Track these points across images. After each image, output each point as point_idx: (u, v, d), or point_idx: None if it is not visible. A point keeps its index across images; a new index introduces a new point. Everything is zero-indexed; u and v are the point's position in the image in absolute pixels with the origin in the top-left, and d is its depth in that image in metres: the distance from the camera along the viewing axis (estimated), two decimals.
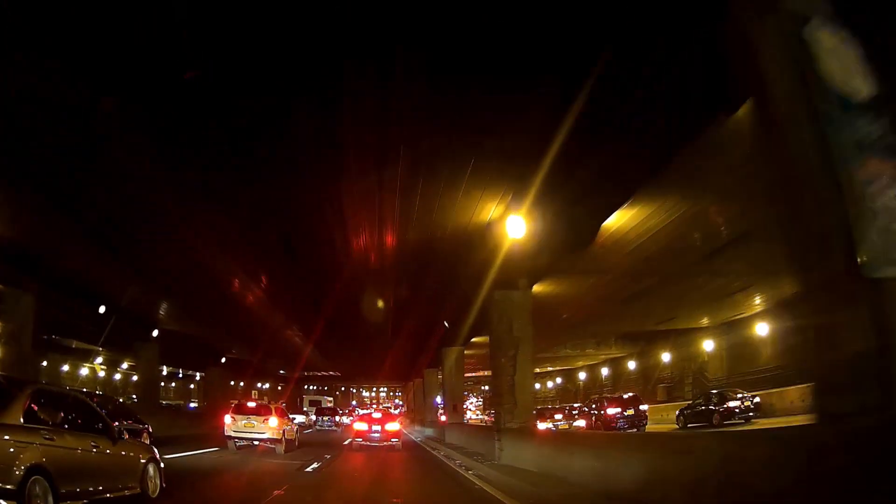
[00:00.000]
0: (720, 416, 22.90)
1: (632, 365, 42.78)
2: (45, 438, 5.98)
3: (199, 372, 44.57)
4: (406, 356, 36.16)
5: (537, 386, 64.24)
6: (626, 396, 29.67)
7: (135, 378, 37.30)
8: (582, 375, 51.77)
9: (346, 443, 24.20)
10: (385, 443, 21.26)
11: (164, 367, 49.17)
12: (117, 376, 42.73)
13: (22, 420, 5.85)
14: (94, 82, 8.03)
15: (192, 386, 59.13)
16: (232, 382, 53.41)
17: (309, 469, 13.79)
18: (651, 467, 7.41)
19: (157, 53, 7.48)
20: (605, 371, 47.62)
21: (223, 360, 37.35)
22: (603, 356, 43.89)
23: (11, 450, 5.46)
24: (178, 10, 6.75)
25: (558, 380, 57.26)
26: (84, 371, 39.97)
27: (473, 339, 28.98)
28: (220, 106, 8.66)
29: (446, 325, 23.24)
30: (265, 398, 49.19)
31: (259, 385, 57.74)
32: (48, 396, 6.78)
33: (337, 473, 13.74)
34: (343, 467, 15.40)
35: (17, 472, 5.34)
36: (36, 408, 6.22)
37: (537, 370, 62.71)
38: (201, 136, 9.71)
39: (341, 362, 48.12)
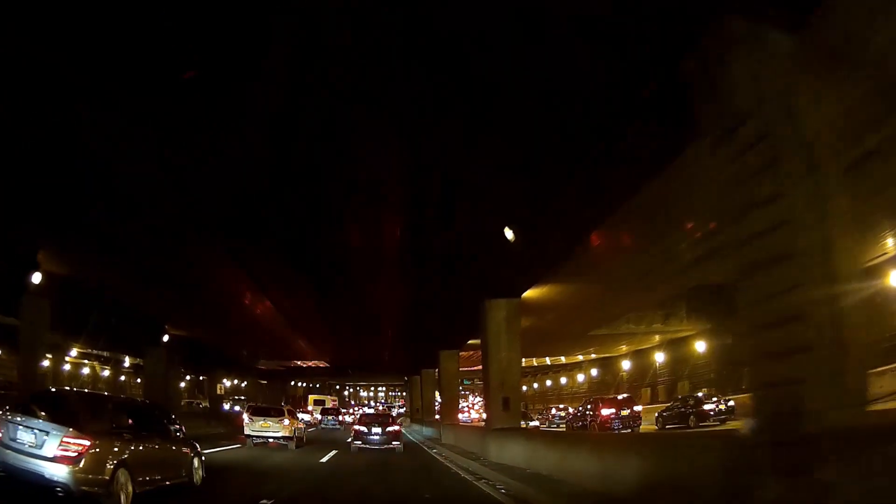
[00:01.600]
0: (696, 419, 23.46)
1: (701, 346, 33.73)
2: (126, 440, 8.01)
3: (136, 357, 33.62)
4: (412, 339, 29.68)
5: (563, 381, 54.65)
6: (620, 397, 29.86)
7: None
8: (626, 365, 42.50)
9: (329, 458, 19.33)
10: (385, 446, 21.12)
11: (111, 354, 39.07)
12: None
13: (110, 426, 8.06)
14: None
15: (181, 385, 48.85)
16: (190, 378, 43.46)
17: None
18: None
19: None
20: (659, 357, 38.37)
21: (165, 338, 26.75)
22: (671, 333, 34.78)
23: (105, 449, 7.44)
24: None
25: (593, 371, 47.77)
26: None
27: (526, 294, 19.55)
28: None
29: (509, 235, 12.82)
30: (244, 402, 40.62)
31: (226, 381, 46.93)
32: (124, 405, 9.55)
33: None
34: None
35: (108, 466, 7.37)
36: (117, 415, 8.48)
37: (563, 360, 53.00)
38: None
39: (335, 351, 39.49)
